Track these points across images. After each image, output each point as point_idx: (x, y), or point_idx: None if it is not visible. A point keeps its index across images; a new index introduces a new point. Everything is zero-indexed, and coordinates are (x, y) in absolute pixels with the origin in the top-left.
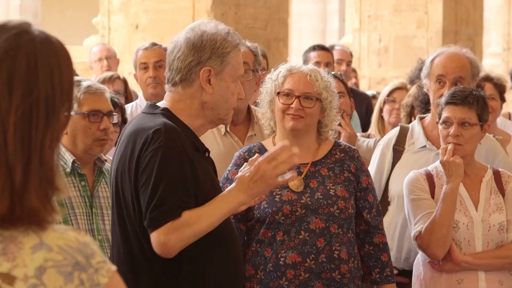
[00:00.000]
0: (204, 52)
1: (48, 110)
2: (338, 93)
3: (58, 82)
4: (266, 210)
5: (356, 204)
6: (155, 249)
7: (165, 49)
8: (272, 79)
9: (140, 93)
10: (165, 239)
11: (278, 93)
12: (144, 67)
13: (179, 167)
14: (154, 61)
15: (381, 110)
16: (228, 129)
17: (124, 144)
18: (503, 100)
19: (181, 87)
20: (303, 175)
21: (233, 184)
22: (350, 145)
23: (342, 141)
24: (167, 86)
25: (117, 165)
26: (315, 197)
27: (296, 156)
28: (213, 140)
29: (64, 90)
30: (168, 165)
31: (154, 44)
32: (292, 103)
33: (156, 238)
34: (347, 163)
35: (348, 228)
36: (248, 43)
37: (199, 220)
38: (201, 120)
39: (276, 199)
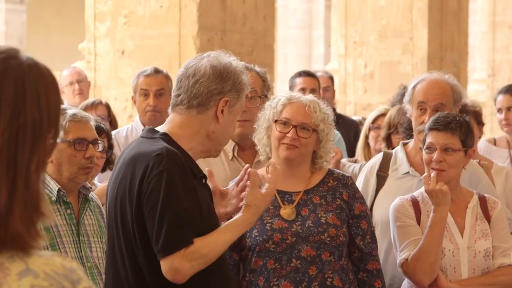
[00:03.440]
0: (228, 83)
1: (35, 135)
2: None
3: (45, 107)
4: (257, 238)
5: (349, 231)
6: (167, 275)
7: (166, 76)
8: (271, 106)
9: (136, 116)
10: (179, 266)
11: (276, 121)
12: (145, 93)
13: (186, 191)
14: (155, 89)
15: (366, 137)
16: (236, 154)
17: (124, 170)
18: (480, 124)
19: (196, 112)
20: (295, 203)
21: (239, 213)
22: (344, 173)
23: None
24: (177, 108)
25: (116, 191)
26: (306, 225)
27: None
28: (220, 164)
29: (50, 116)
30: (175, 189)
31: (156, 71)
32: (288, 132)
33: (169, 264)
34: (339, 190)
35: (340, 255)
36: (257, 68)
37: (213, 249)
38: (200, 147)
39: (266, 227)
